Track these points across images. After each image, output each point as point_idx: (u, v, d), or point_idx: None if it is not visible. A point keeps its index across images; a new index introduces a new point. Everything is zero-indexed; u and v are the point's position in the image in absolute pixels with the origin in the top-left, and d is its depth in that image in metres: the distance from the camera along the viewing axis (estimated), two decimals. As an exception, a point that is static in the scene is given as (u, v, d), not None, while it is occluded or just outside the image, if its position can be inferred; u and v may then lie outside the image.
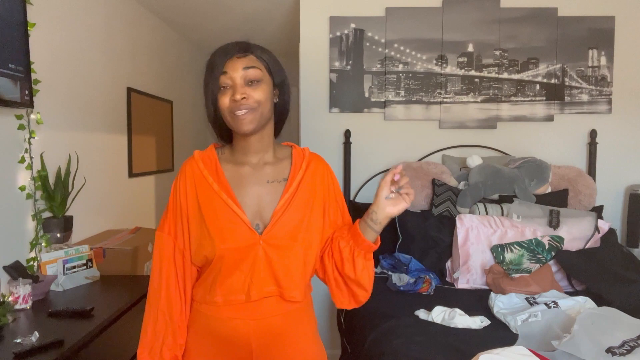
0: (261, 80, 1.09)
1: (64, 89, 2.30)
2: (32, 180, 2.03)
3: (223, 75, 1.08)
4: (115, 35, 2.89)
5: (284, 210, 1.10)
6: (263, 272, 1.09)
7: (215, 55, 1.10)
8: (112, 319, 1.76)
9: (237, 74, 1.07)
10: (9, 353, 1.39)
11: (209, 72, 1.10)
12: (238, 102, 1.06)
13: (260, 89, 1.09)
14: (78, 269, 2.08)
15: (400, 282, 2.21)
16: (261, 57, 1.12)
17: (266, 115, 1.11)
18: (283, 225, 1.10)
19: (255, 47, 1.12)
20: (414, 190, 2.60)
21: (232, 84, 1.08)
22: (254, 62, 1.09)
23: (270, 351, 1.12)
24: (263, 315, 1.11)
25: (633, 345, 1.44)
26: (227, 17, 3.59)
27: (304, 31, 2.84)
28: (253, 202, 1.12)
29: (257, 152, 1.15)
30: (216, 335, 1.12)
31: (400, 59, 2.81)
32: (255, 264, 1.08)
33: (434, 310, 1.85)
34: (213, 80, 1.09)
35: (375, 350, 1.67)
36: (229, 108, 1.07)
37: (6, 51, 1.77)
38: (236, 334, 1.10)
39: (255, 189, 1.13)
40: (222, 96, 1.08)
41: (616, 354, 1.42)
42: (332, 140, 2.85)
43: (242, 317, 1.10)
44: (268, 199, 1.12)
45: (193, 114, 4.66)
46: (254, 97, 1.07)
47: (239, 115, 1.06)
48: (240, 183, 1.13)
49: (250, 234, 1.08)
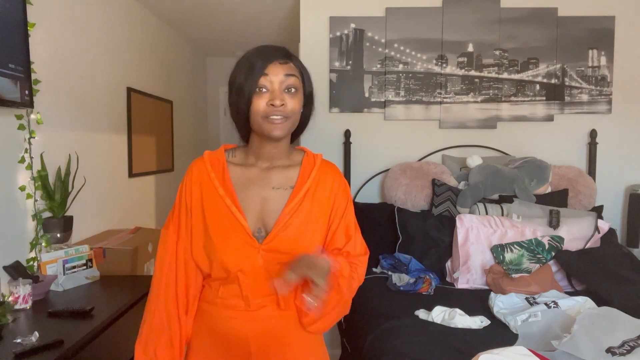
0: (298, 89, 1.09)
1: (64, 89, 2.30)
2: (32, 180, 2.03)
3: (264, 77, 1.05)
4: (115, 35, 2.89)
5: (286, 220, 1.08)
6: (262, 281, 1.08)
7: (256, 55, 1.08)
8: (112, 319, 1.76)
9: (278, 79, 1.05)
10: (9, 353, 1.39)
11: (246, 70, 1.06)
12: (276, 108, 1.04)
13: (297, 98, 1.08)
14: (78, 269, 2.08)
15: (400, 282, 2.21)
16: (298, 67, 1.11)
17: (295, 124, 1.11)
18: (284, 237, 1.07)
19: (294, 56, 1.12)
20: (414, 190, 2.61)
21: (271, 89, 1.05)
22: (293, 71, 1.08)
23: (268, 354, 1.11)
24: (262, 318, 1.10)
25: (633, 345, 1.44)
26: (227, 17, 3.60)
27: (304, 31, 2.84)
28: (256, 207, 1.10)
29: (270, 158, 1.13)
30: (216, 333, 1.12)
31: (400, 59, 2.81)
32: (254, 273, 1.07)
33: (434, 310, 1.85)
34: (251, 80, 1.05)
35: (375, 350, 1.66)
36: (265, 112, 1.04)
37: (6, 51, 1.77)
38: (235, 334, 1.10)
39: (260, 193, 1.10)
40: (259, 98, 1.05)
41: (616, 354, 1.42)
42: (332, 140, 2.85)
43: (241, 317, 1.09)
44: (272, 205, 1.10)
45: (193, 114, 4.66)
46: (290, 106, 1.06)
47: (275, 120, 1.04)
48: (245, 186, 1.11)
49: (251, 243, 1.07)
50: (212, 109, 5.18)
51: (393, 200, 2.63)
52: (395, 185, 2.63)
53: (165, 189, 3.78)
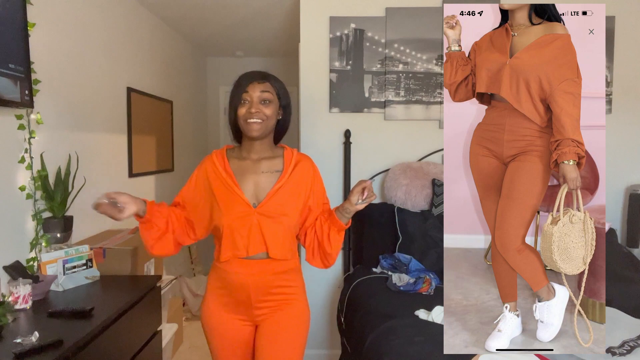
0: (271, 101, 1.51)
1: (64, 89, 2.30)
2: (32, 180, 2.03)
3: (245, 93, 1.49)
4: (115, 35, 2.89)
5: (276, 191, 1.50)
6: (256, 235, 1.48)
7: (242, 78, 1.52)
8: (112, 319, 1.76)
9: (255, 94, 1.48)
10: (9, 353, 1.39)
11: (235, 88, 1.51)
12: (252, 114, 1.47)
13: (270, 107, 1.50)
14: (78, 269, 2.09)
15: (400, 282, 2.21)
16: (274, 85, 1.53)
17: (270, 127, 1.53)
18: (274, 202, 1.50)
19: (271, 76, 1.54)
20: (414, 190, 2.61)
21: (250, 100, 1.48)
22: (268, 88, 1.51)
23: (264, 300, 1.54)
24: (259, 272, 1.51)
25: (633, 345, 1.45)
26: (227, 17, 3.60)
27: (304, 31, 2.84)
28: (251, 187, 1.52)
29: (257, 152, 1.56)
30: (226, 283, 1.54)
31: (400, 59, 2.81)
32: (251, 229, 1.48)
33: (434, 310, 1.85)
34: (237, 95, 1.50)
35: (375, 350, 1.67)
36: (244, 116, 1.48)
37: (6, 51, 1.77)
38: (239, 283, 1.51)
39: (253, 177, 1.53)
40: (241, 107, 1.49)
41: (616, 354, 1.42)
42: (332, 140, 2.85)
43: (243, 272, 1.50)
44: (262, 184, 1.53)
45: (193, 114, 4.66)
46: (264, 112, 1.48)
47: (251, 122, 1.48)
48: (242, 173, 1.54)
49: (247, 208, 1.49)
50: (212, 109, 5.18)
51: (393, 200, 2.64)
52: (395, 185, 2.63)
53: (165, 189, 3.78)
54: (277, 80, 1.55)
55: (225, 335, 1.58)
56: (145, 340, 2.09)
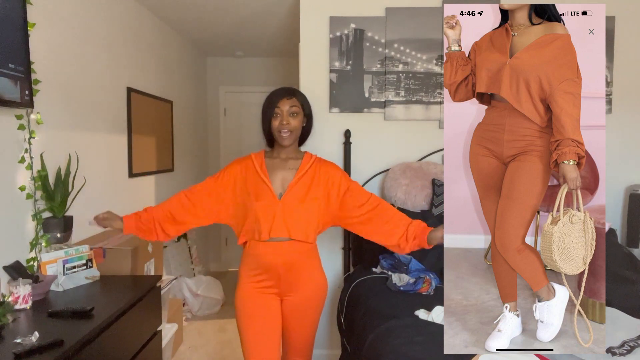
0: (298, 113, 1.85)
1: (64, 89, 2.30)
2: (32, 180, 2.03)
3: (277, 108, 1.82)
4: (115, 35, 2.89)
5: (296, 182, 1.83)
6: (280, 221, 1.79)
7: (273, 94, 1.85)
8: (112, 319, 1.76)
9: (285, 109, 1.82)
10: (9, 353, 1.39)
11: (267, 104, 1.85)
12: (283, 125, 1.81)
13: (297, 119, 1.85)
14: (78, 269, 2.09)
15: (400, 282, 2.21)
16: (299, 99, 1.87)
17: (297, 135, 1.89)
18: (293, 194, 1.82)
19: (297, 92, 1.88)
20: (414, 190, 2.61)
21: (281, 114, 1.82)
22: (295, 102, 1.85)
23: (291, 275, 1.83)
24: (284, 252, 1.80)
25: (633, 345, 1.45)
26: (227, 17, 3.60)
27: (304, 31, 2.84)
28: (279, 180, 1.85)
29: (285, 153, 1.90)
30: (258, 263, 1.83)
31: (400, 59, 2.81)
32: (275, 216, 1.79)
33: (434, 310, 1.85)
34: (270, 109, 1.83)
35: (375, 350, 1.67)
36: (277, 128, 1.83)
37: (6, 51, 1.77)
38: (270, 263, 1.81)
39: (281, 172, 1.86)
40: (274, 120, 1.83)
41: (616, 354, 1.42)
42: (332, 140, 2.85)
43: (272, 252, 1.80)
44: (288, 178, 1.85)
45: (193, 114, 4.66)
46: (293, 124, 1.83)
47: (283, 133, 1.82)
48: (273, 169, 1.87)
49: (274, 198, 1.81)
50: (212, 109, 5.17)
51: (393, 200, 2.63)
52: (395, 185, 2.63)
53: (166, 189, 3.78)
54: (301, 95, 1.90)
55: (258, 315, 1.83)
56: (145, 341, 2.09)
